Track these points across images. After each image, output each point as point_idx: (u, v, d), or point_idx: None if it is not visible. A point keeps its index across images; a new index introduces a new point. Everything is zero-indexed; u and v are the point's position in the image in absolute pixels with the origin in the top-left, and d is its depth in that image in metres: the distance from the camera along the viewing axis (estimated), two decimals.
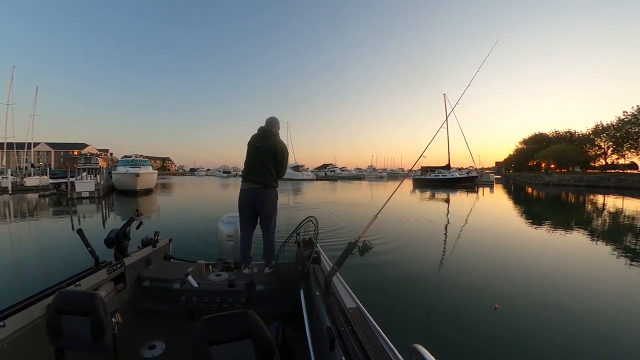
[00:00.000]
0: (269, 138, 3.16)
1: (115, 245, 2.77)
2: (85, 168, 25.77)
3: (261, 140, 3.13)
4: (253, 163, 3.12)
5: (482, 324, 3.64)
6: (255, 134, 3.21)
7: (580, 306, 4.09)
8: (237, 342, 1.28)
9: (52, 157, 79.63)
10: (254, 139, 3.17)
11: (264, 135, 3.17)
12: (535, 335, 3.39)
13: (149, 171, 25.46)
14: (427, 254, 6.66)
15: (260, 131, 3.19)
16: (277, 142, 3.19)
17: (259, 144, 3.11)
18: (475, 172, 40.59)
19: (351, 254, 1.93)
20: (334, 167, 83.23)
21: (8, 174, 25.98)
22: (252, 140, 3.17)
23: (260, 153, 3.09)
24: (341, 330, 1.49)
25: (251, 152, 3.15)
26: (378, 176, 66.99)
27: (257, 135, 3.18)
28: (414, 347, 1.03)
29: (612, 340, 3.33)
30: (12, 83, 33.35)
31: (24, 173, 33.37)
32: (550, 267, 5.71)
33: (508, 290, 4.60)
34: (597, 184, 34.07)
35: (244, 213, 3.17)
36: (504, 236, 8.55)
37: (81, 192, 19.65)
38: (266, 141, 3.13)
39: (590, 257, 6.63)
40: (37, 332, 1.75)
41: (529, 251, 6.89)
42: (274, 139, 3.19)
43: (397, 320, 3.69)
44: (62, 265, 5.60)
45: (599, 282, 4.98)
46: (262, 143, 3.11)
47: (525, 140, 75.35)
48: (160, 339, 2.39)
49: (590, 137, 55.67)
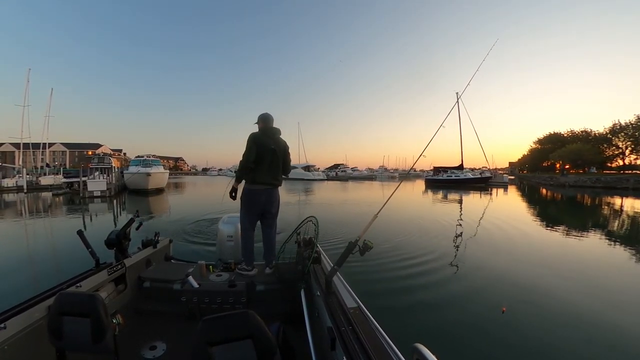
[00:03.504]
0: (278, 139, 3.15)
1: (116, 246, 2.80)
2: (98, 167, 26.21)
3: (275, 142, 3.09)
4: (270, 166, 3.05)
5: (487, 327, 3.55)
6: (257, 132, 3.09)
7: (595, 316, 3.86)
8: (238, 343, 1.28)
9: (67, 157, 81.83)
10: (265, 141, 3.03)
11: (274, 136, 3.14)
12: (544, 342, 3.25)
13: (160, 171, 25.87)
14: (432, 253, 6.49)
15: (268, 131, 3.12)
16: (284, 142, 3.21)
17: (273, 146, 3.05)
18: (488, 172, 39.90)
19: (351, 253, 1.93)
20: (345, 167, 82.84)
21: (24, 173, 26.74)
22: (263, 142, 3.01)
23: (276, 155, 3.06)
24: (342, 330, 1.49)
25: (266, 154, 3.01)
26: (390, 176, 66.41)
27: (266, 135, 3.08)
28: (415, 346, 1.01)
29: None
30: (28, 85, 34.17)
31: (40, 172, 34.22)
32: (564, 272, 5.48)
33: (517, 295, 4.44)
34: (615, 186, 32.94)
35: (252, 214, 3.11)
36: (516, 238, 8.27)
37: (93, 191, 20.06)
38: (279, 141, 3.13)
39: (608, 264, 6.29)
40: (38, 333, 1.77)
41: (542, 255, 6.64)
42: (282, 139, 3.19)
43: (398, 320, 3.65)
44: (62, 266, 5.64)
45: (617, 291, 4.72)
46: (276, 144, 3.09)
47: (540, 140, 73.65)
48: (161, 339, 2.40)
49: (607, 137, 54.05)
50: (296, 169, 50.82)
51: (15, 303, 1.81)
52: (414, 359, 1.01)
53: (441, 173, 40.71)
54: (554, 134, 69.15)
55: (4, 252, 6.80)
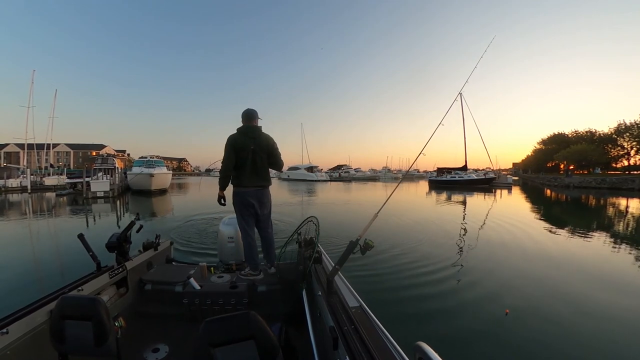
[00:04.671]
0: (258, 137, 2.98)
1: (117, 249, 2.81)
2: (102, 168, 26.38)
3: (254, 141, 2.94)
4: (251, 168, 2.96)
5: (490, 327, 3.52)
6: (234, 134, 2.95)
7: (600, 319, 3.80)
8: (240, 344, 1.28)
9: (71, 157, 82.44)
10: (243, 141, 2.91)
11: (252, 134, 2.96)
12: (547, 344, 3.21)
13: (163, 171, 25.95)
14: (434, 253, 6.44)
15: (245, 130, 2.96)
16: (268, 138, 3.05)
17: (253, 146, 2.92)
18: (492, 173, 39.69)
19: (353, 253, 1.94)
20: (349, 168, 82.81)
21: (28, 174, 26.94)
22: (239, 143, 2.90)
23: (255, 155, 2.94)
24: (344, 329, 1.50)
25: (247, 157, 2.91)
26: (393, 177, 66.16)
27: (242, 135, 2.94)
28: (417, 345, 1.01)
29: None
30: (32, 87, 34.55)
31: (44, 173, 34.47)
32: (569, 274, 5.41)
33: (521, 297, 4.38)
34: (621, 186, 32.61)
35: (245, 216, 3.06)
36: (520, 240, 8.16)
37: (96, 192, 20.20)
38: (259, 140, 2.97)
39: (615, 266, 6.17)
40: (40, 337, 1.78)
41: (547, 256, 6.54)
42: (263, 136, 3.02)
43: (400, 319, 3.62)
44: (64, 269, 5.64)
45: (624, 294, 4.62)
46: (256, 144, 2.94)
47: (544, 140, 73.13)
48: (163, 342, 2.41)
49: (612, 137, 53.60)
50: (299, 169, 50.91)
51: (17, 307, 1.82)
52: (417, 358, 1.00)
53: (445, 174, 40.64)
54: (558, 134, 68.70)
55: (6, 254, 6.81)
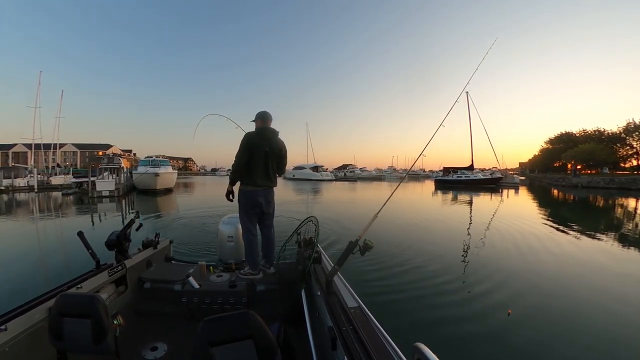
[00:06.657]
0: (273, 139, 3.09)
1: (116, 247, 2.81)
2: (107, 168, 26.57)
3: (269, 143, 3.03)
4: (263, 168, 3.02)
5: (491, 328, 3.49)
6: (252, 133, 3.05)
7: (604, 321, 3.71)
8: (239, 343, 1.28)
9: (78, 157, 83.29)
10: (258, 142, 2.99)
11: (269, 136, 3.07)
12: (550, 346, 3.17)
13: (169, 171, 26.13)
14: (436, 253, 6.39)
15: (261, 132, 3.06)
16: (282, 144, 3.16)
17: (267, 148, 3.00)
18: (499, 173, 39.42)
19: (352, 253, 1.92)
20: (354, 167, 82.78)
21: (35, 173, 27.27)
22: (254, 143, 2.98)
23: (268, 156, 3.01)
24: (343, 329, 1.49)
25: (259, 157, 2.99)
26: (398, 177, 65.76)
27: (260, 136, 3.03)
28: (415, 346, 1.00)
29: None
30: (39, 87, 34.98)
31: (51, 172, 34.87)
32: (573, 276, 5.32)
33: (524, 297, 4.33)
34: (630, 186, 32.13)
35: (250, 215, 3.09)
36: (524, 240, 8.02)
37: (101, 191, 20.35)
38: (274, 143, 3.07)
39: (621, 268, 5.98)
40: (38, 335, 1.79)
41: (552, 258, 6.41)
42: (279, 141, 3.14)
43: (399, 319, 3.61)
44: (63, 267, 5.65)
45: (629, 297, 4.50)
46: (270, 146, 3.03)
47: (551, 139, 72.15)
48: (162, 340, 2.41)
49: (621, 136, 52.87)
50: (305, 169, 50.89)
51: (16, 304, 1.83)
52: (415, 358, 0.99)
53: (451, 173, 40.39)
54: (566, 133, 67.75)
55: (6, 252, 6.86)
